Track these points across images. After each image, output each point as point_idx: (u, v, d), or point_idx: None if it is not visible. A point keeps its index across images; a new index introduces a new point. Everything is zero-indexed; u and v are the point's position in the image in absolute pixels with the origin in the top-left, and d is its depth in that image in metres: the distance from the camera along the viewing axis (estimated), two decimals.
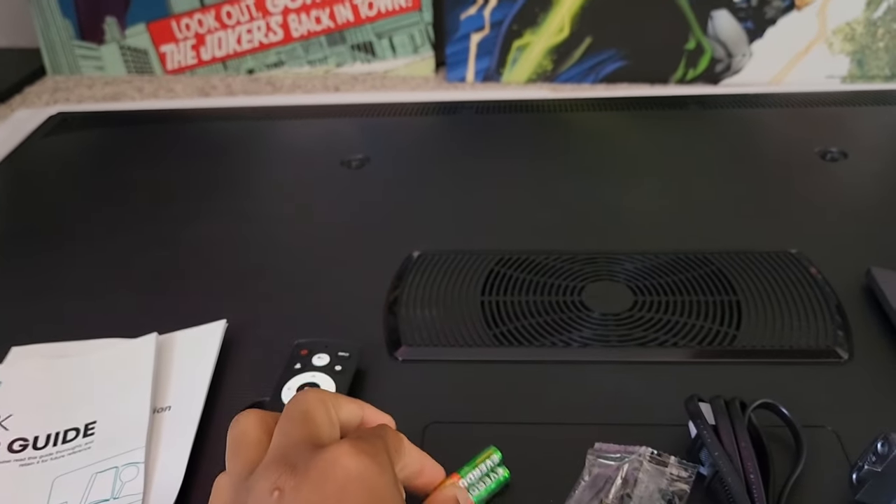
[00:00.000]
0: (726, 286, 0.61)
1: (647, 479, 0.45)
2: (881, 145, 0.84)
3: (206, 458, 0.49)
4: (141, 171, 0.87)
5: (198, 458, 0.49)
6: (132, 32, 1.16)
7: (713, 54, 1.05)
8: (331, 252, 0.70)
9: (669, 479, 0.45)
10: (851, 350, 0.55)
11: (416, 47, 1.14)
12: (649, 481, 0.45)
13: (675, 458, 0.46)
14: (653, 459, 0.46)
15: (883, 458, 0.43)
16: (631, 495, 0.44)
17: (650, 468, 0.45)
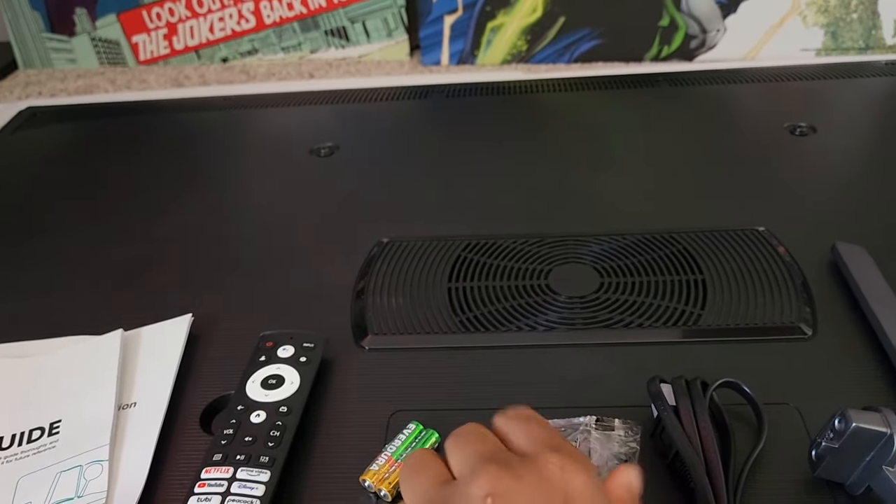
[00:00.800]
0: (692, 265, 0.61)
1: (599, 447, 0.45)
2: (850, 119, 0.84)
3: (171, 455, 0.49)
4: (111, 164, 0.86)
5: (162, 454, 0.49)
6: (103, 23, 1.15)
7: (687, 31, 1.04)
8: (299, 242, 0.69)
9: (620, 442, 0.45)
10: (816, 326, 0.56)
11: (389, 31, 1.13)
12: (602, 449, 0.45)
13: (619, 419, 0.46)
14: (599, 426, 0.46)
15: (840, 435, 0.43)
16: None
17: (599, 436, 0.45)
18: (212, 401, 0.53)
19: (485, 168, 0.79)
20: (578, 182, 0.75)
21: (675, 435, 0.45)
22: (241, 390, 0.51)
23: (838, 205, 0.69)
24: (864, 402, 0.47)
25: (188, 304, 0.60)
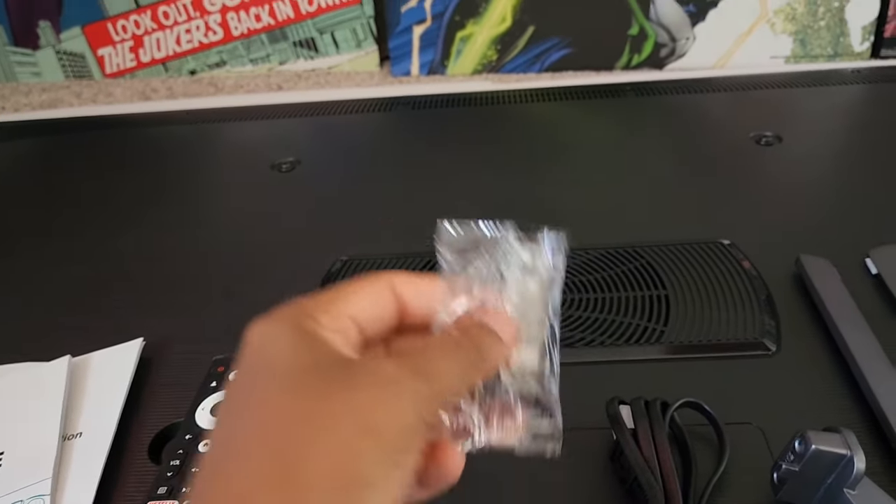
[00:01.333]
0: (655, 280, 0.60)
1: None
2: (816, 128, 0.83)
3: (117, 487, 0.47)
4: (72, 181, 0.85)
5: (108, 487, 0.47)
6: (67, 36, 1.13)
7: (657, 39, 1.03)
8: (257, 259, 0.68)
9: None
10: (780, 341, 0.55)
11: (359, 42, 1.12)
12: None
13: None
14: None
15: (800, 457, 0.42)
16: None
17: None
18: (161, 429, 0.51)
19: (450, 181, 0.78)
20: (542, 194, 0.74)
21: (633, 460, 0.44)
22: (189, 418, 0.49)
23: (803, 216, 0.68)
24: (828, 420, 0.46)
25: (142, 326, 0.59)
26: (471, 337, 0.28)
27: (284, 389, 0.24)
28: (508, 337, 0.30)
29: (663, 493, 0.43)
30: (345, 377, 0.24)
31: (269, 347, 0.26)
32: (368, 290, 0.29)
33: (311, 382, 0.24)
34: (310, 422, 0.23)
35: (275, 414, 0.24)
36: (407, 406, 0.24)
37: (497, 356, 0.29)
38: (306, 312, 0.27)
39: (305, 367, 0.25)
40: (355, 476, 0.22)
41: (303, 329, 0.26)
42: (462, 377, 0.27)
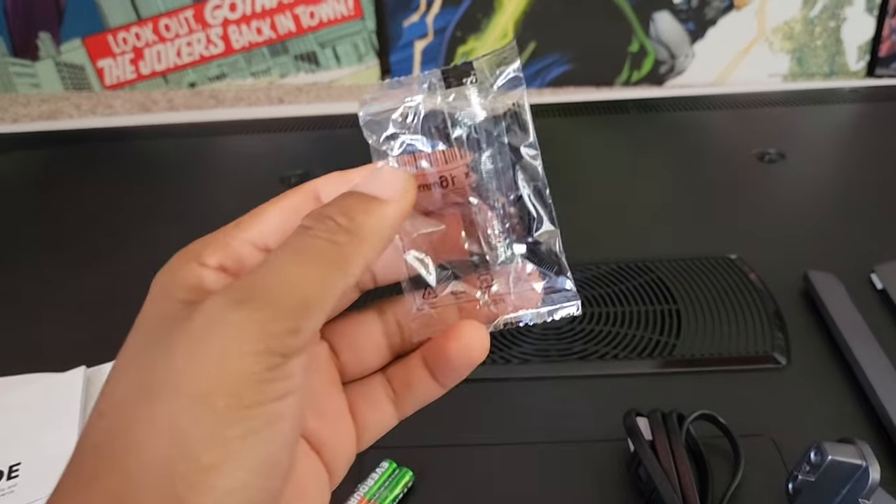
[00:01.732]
0: (666, 295, 0.61)
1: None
2: (818, 146, 0.85)
3: None
4: (74, 193, 0.84)
5: None
6: (67, 48, 1.13)
7: (656, 56, 1.05)
8: None
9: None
10: (789, 355, 0.56)
11: (360, 56, 1.13)
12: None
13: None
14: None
15: (816, 468, 0.43)
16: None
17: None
18: None
19: None
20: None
21: (653, 471, 0.44)
22: None
23: (808, 232, 0.69)
24: (839, 431, 0.47)
25: None
26: (325, 222, 0.22)
27: (117, 369, 0.21)
28: (392, 191, 0.24)
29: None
30: (167, 336, 0.20)
31: (143, 308, 0.22)
32: (282, 203, 0.25)
33: (138, 355, 0.21)
34: (134, 404, 0.20)
35: (103, 401, 0.20)
36: (236, 350, 0.19)
37: (374, 228, 0.23)
38: (193, 252, 0.23)
39: (142, 334, 0.21)
40: (186, 460, 0.18)
41: (167, 279, 0.23)
42: (320, 279, 0.21)
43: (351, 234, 0.22)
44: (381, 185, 0.24)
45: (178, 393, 0.19)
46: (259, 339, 0.19)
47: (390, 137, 0.26)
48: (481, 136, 0.26)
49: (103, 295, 0.67)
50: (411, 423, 0.53)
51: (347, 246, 0.22)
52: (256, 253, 0.24)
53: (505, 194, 0.26)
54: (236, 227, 0.24)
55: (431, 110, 0.25)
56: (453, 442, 0.50)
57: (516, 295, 0.26)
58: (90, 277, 0.69)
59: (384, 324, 0.27)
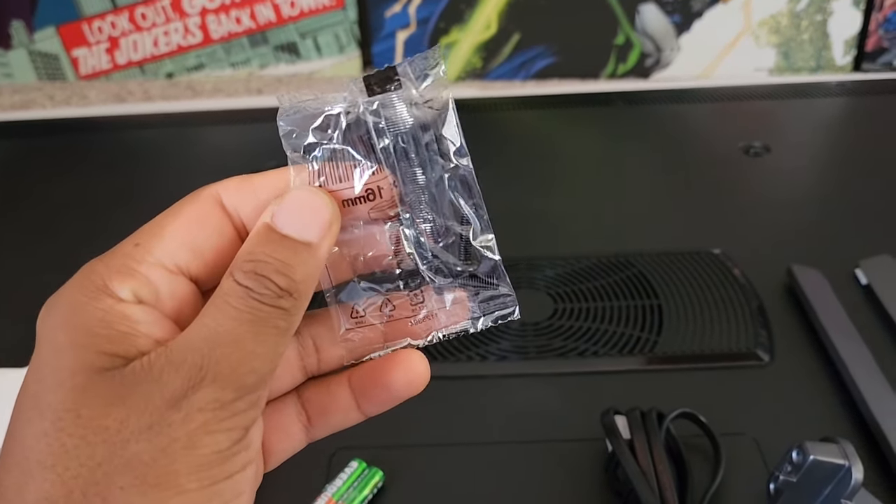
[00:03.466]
0: (648, 290, 0.60)
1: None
2: (804, 139, 0.84)
3: None
4: (47, 185, 0.82)
5: None
6: (41, 37, 1.11)
7: (642, 49, 1.03)
8: None
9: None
10: (773, 351, 0.54)
11: (341, 47, 1.11)
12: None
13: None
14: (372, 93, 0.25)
15: (798, 468, 0.42)
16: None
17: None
18: None
19: None
20: (532, 204, 0.73)
21: (630, 471, 0.43)
22: None
23: (792, 226, 0.68)
24: (822, 430, 0.46)
25: None
26: (265, 284, 0.21)
27: (47, 437, 0.19)
28: (320, 228, 0.22)
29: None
30: (112, 411, 0.19)
31: (46, 358, 0.20)
32: (185, 217, 0.23)
33: (77, 426, 0.19)
34: (95, 496, 0.19)
35: (46, 481, 0.19)
36: (204, 431, 0.19)
37: (309, 280, 0.22)
38: (98, 282, 0.21)
39: (72, 397, 0.19)
40: None
41: (81, 322, 0.21)
42: (274, 349, 0.21)
43: (293, 298, 0.21)
44: (304, 222, 0.22)
45: (143, 484, 0.19)
46: (226, 419, 0.20)
47: (310, 147, 0.24)
48: (409, 146, 0.24)
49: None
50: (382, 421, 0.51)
51: (292, 310, 0.21)
52: (169, 276, 0.22)
53: (436, 205, 0.25)
54: (137, 247, 0.22)
55: (355, 120, 0.24)
56: (426, 441, 0.49)
57: (448, 310, 0.25)
58: (60, 271, 0.67)
59: (300, 344, 0.26)
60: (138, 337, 0.21)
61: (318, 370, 0.26)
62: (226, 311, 0.21)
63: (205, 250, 0.23)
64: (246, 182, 0.24)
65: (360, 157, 0.24)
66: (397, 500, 0.45)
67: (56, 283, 0.73)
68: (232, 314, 0.20)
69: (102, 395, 0.19)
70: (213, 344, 0.20)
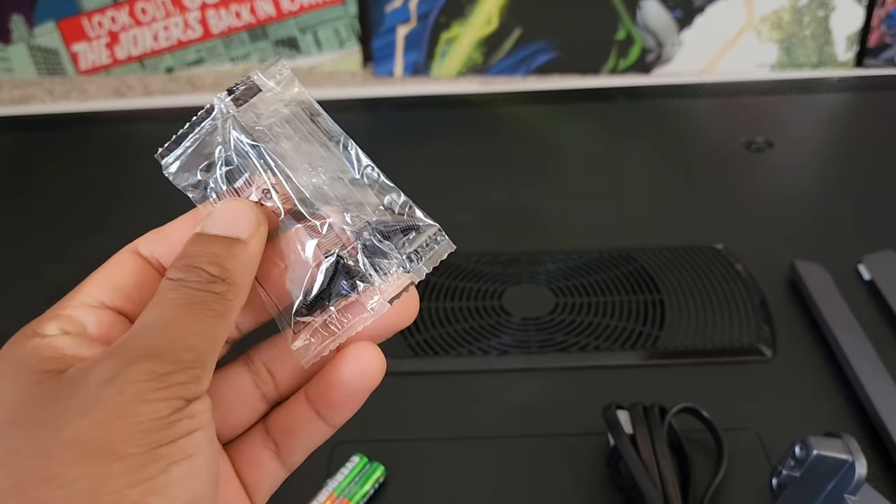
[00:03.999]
0: (650, 284, 0.59)
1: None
2: (806, 135, 0.83)
3: None
4: (46, 179, 0.82)
5: None
6: (41, 31, 1.10)
7: (644, 44, 1.03)
8: None
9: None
10: (775, 347, 0.54)
11: (341, 42, 1.10)
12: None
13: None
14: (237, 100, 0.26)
15: (801, 463, 0.42)
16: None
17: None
18: None
19: (436, 183, 0.76)
20: (533, 198, 0.73)
21: (633, 466, 0.43)
22: None
23: (795, 222, 0.68)
24: (825, 425, 0.46)
25: None
26: (196, 273, 0.22)
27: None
28: (247, 226, 0.24)
29: (663, 500, 0.42)
30: (45, 409, 0.20)
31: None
32: (105, 268, 0.25)
33: (19, 427, 0.20)
34: (28, 489, 0.19)
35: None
36: (140, 398, 0.20)
37: (242, 271, 0.23)
38: (27, 331, 0.23)
39: (13, 409, 0.20)
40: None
41: (11, 359, 0.22)
42: (211, 330, 0.22)
43: (226, 283, 0.22)
44: (232, 223, 0.24)
45: (82, 457, 0.19)
46: (163, 388, 0.20)
47: (204, 173, 0.25)
48: (285, 144, 0.25)
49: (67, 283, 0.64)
50: (384, 415, 0.51)
51: (227, 294, 0.22)
52: (92, 311, 0.23)
53: (333, 196, 0.25)
54: (63, 300, 0.24)
55: (232, 134, 0.25)
56: (428, 436, 0.49)
57: (387, 276, 0.25)
58: (58, 265, 0.67)
59: (254, 373, 0.26)
60: (67, 357, 0.22)
61: (278, 395, 0.26)
62: (160, 303, 0.22)
63: (125, 286, 0.24)
64: (158, 231, 0.26)
65: (247, 169, 0.25)
66: (399, 494, 0.45)
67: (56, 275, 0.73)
68: (166, 304, 0.22)
69: (41, 399, 0.20)
70: (147, 328, 0.21)
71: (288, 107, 0.26)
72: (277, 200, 0.25)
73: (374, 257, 0.25)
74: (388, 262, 0.25)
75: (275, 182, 0.25)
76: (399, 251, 0.25)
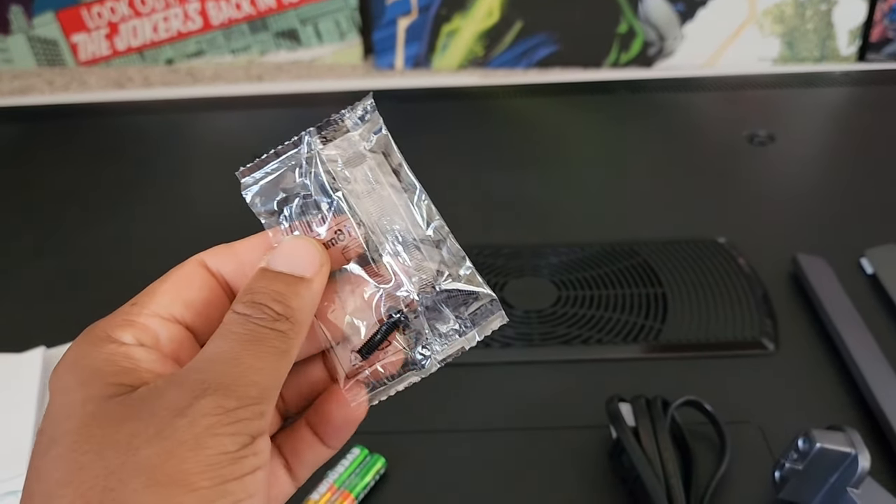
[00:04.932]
0: (652, 278, 0.59)
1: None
2: (808, 128, 0.83)
3: None
4: (46, 170, 0.82)
5: None
6: (40, 22, 1.10)
7: (645, 38, 1.03)
8: None
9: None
10: (778, 340, 0.54)
11: (342, 34, 1.10)
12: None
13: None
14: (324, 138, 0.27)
15: (804, 456, 0.42)
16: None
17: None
18: None
19: (437, 176, 0.76)
20: (535, 191, 0.73)
21: (635, 458, 0.43)
22: None
23: (797, 215, 0.67)
24: (827, 419, 0.46)
25: None
26: (262, 310, 0.23)
27: (63, 458, 0.20)
28: (311, 267, 0.24)
29: (666, 493, 0.42)
30: (121, 427, 0.20)
31: (57, 401, 0.22)
32: (175, 278, 0.25)
33: (90, 443, 0.20)
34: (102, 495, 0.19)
35: (57, 494, 0.20)
36: (210, 433, 0.20)
37: (305, 310, 0.24)
38: (100, 333, 0.23)
39: (83, 422, 0.21)
40: None
41: (86, 363, 0.22)
42: (274, 367, 0.22)
43: (290, 322, 0.23)
44: (297, 261, 0.24)
45: (155, 484, 0.20)
46: (230, 423, 0.21)
47: (281, 204, 0.26)
48: (362, 188, 0.26)
49: (66, 274, 0.64)
50: (385, 407, 0.51)
51: (290, 332, 0.23)
52: (165, 323, 0.24)
53: (401, 239, 0.26)
54: (133, 305, 0.24)
55: (314, 171, 0.26)
56: (429, 428, 0.49)
57: (441, 336, 0.26)
58: (53, 256, 0.67)
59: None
60: (141, 371, 0.22)
61: (285, 411, 0.27)
62: (226, 336, 0.23)
63: (194, 302, 0.25)
64: (227, 247, 0.26)
65: (323, 206, 0.26)
66: (399, 487, 0.45)
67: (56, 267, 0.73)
68: (232, 338, 0.22)
69: (112, 416, 0.21)
70: (214, 362, 0.22)
71: (371, 151, 0.27)
72: (347, 242, 0.26)
73: (432, 318, 0.26)
74: (445, 326, 0.26)
75: (347, 224, 0.26)
76: (456, 316, 0.26)
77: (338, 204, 0.25)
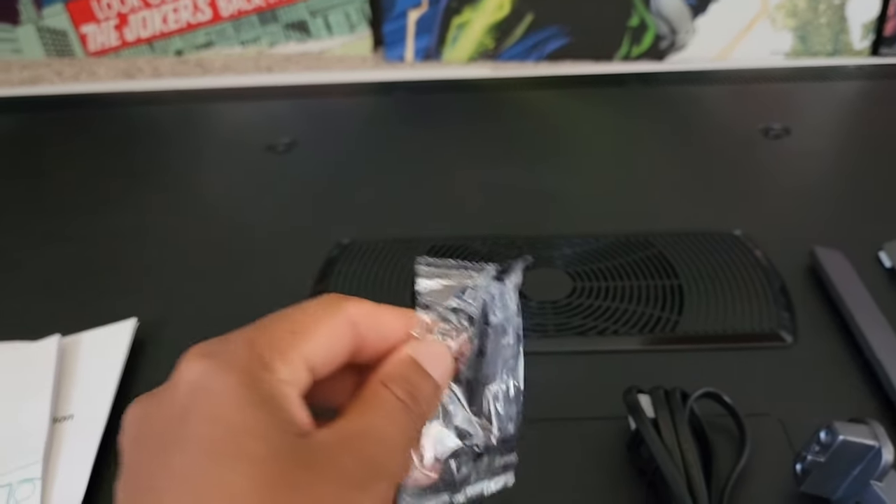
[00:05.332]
0: (668, 269, 0.59)
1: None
2: (823, 122, 0.83)
3: (111, 471, 0.45)
4: (56, 159, 0.82)
5: (101, 470, 0.45)
6: (49, 12, 1.09)
7: (657, 31, 1.02)
8: (253, 243, 0.66)
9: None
10: (796, 333, 0.54)
11: (352, 26, 1.09)
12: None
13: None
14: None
15: (826, 448, 0.41)
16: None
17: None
18: None
19: (451, 167, 0.76)
20: (549, 183, 0.72)
21: (655, 449, 0.42)
22: None
23: (814, 207, 0.67)
24: (845, 412, 0.45)
25: (133, 309, 0.56)
26: (418, 402, 0.26)
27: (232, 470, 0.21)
28: (443, 374, 0.28)
29: (686, 485, 0.42)
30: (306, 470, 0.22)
31: (208, 402, 0.22)
32: (327, 327, 0.26)
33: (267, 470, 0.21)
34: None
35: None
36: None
37: (432, 405, 0.27)
38: (262, 360, 0.23)
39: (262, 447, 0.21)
40: None
41: (257, 387, 0.22)
42: (409, 445, 0.26)
43: (425, 418, 0.27)
44: (439, 366, 0.27)
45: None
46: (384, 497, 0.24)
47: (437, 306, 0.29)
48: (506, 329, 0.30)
49: (77, 263, 0.64)
50: None
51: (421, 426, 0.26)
52: (307, 371, 0.25)
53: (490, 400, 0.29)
54: (293, 335, 0.25)
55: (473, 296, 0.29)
56: None
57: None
58: (67, 245, 0.66)
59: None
60: (296, 415, 0.23)
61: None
62: (384, 415, 0.25)
63: (332, 358, 0.26)
64: (374, 311, 0.28)
65: (465, 323, 0.29)
66: None
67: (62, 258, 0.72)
68: (397, 425, 0.25)
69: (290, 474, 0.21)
70: (386, 446, 0.24)
71: (513, 302, 0.30)
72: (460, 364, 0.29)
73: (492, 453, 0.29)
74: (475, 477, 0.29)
75: (467, 353, 0.29)
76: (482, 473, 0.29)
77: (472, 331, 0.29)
